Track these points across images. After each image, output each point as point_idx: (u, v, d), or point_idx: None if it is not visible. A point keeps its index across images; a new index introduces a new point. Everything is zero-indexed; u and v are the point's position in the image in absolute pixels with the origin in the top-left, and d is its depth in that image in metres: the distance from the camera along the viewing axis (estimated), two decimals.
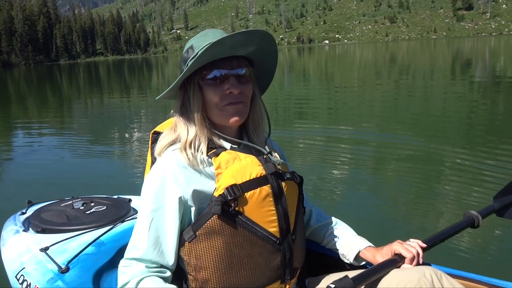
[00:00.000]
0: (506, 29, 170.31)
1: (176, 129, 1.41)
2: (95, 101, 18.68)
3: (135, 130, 10.42)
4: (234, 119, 1.36)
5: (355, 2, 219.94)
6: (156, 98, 1.45)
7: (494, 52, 42.75)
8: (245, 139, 1.47)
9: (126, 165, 6.98)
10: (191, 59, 1.32)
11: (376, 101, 13.78)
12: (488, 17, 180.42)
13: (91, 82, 33.99)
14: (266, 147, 1.43)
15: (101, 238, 1.99)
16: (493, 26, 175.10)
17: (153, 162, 1.46)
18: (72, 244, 1.97)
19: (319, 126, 9.43)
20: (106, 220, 2.21)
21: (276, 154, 1.46)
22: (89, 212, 2.32)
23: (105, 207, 2.39)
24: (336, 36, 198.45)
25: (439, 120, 9.69)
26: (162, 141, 1.41)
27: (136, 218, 1.45)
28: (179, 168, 1.33)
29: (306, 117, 10.95)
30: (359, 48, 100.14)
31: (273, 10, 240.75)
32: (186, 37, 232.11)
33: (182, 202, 1.31)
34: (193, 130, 1.37)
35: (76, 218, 2.26)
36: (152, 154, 1.49)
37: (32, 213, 2.39)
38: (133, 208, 2.40)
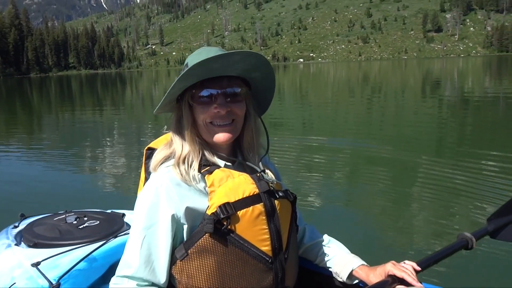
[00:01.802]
0: (473, 51, 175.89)
1: (172, 144, 1.42)
2: (83, 115, 18.37)
3: (130, 144, 10.32)
4: (221, 138, 1.36)
5: (329, 22, 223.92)
6: (154, 112, 1.45)
7: (462, 72, 44.01)
8: (240, 156, 1.47)
9: (120, 179, 6.94)
10: (178, 77, 1.32)
11: (365, 117, 13.92)
12: (456, 39, 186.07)
13: (74, 95, 33.44)
14: (260, 165, 1.44)
15: (93, 253, 1.97)
16: (461, 48, 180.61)
17: (146, 179, 1.46)
18: (64, 259, 1.94)
19: (296, 140, 9.49)
20: (98, 235, 2.18)
21: (269, 173, 1.46)
22: (82, 226, 2.30)
23: (98, 222, 2.36)
24: (311, 55, 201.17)
25: (429, 138, 9.82)
26: (157, 156, 1.42)
27: (129, 233, 1.45)
28: (173, 186, 1.32)
29: (282, 132, 11.00)
30: (333, 67, 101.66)
31: (249, 28, 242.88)
32: (161, 53, 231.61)
33: (175, 220, 1.31)
34: (186, 146, 1.38)
35: (69, 233, 2.23)
36: (146, 170, 1.49)
37: (24, 227, 2.35)
38: (126, 223, 2.38)
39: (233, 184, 1.33)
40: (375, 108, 16.54)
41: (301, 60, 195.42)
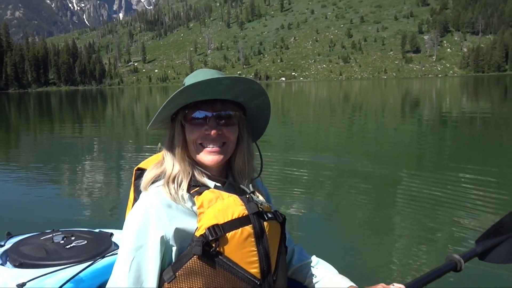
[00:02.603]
0: (450, 71, 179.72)
1: (163, 163, 1.42)
2: (66, 132, 18.12)
3: (117, 163, 10.15)
4: (210, 160, 1.37)
5: (310, 42, 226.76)
6: (148, 128, 1.46)
7: (440, 92, 44.83)
8: (230, 177, 1.47)
9: (108, 198, 6.84)
10: (171, 96, 1.32)
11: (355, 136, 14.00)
12: (434, 59, 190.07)
13: (54, 112, 33.01)
14: (250, 187, 1.44)
15: (80, 274, 1.94)
16: (439, 68, 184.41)
17: (135, 199, 1.45)
18: (50, 280, 1.91)
19: (279, 157, 9.49)
20: (86, 256, 2.14)
21: (259, 194, 1.46)
22: (69, 246, 2.25)
23: (85, 242, 2.32)
24: (293, 73, 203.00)
25: (411, 155, 9.92)
26: (148, 175, 1.41)
27: (117, 253, 1.44)
28: (162, 207, 1.32)
29: (265, 148, 10.98)
30: (315, 85, 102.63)
31: (232, 47, 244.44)
32: (144, 70, 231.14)
33: (164, 242, 1.29)
34: (177, 165, 1.38)
35: (56, 253, 2.19)
36: (135, 190, 1.49)
37: (10, 246, 2.30)
38: (114, 242, 2.34)
39: (222, 206, 1.32)
40: (356, 125, 16.71)
41: (283, 78, 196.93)
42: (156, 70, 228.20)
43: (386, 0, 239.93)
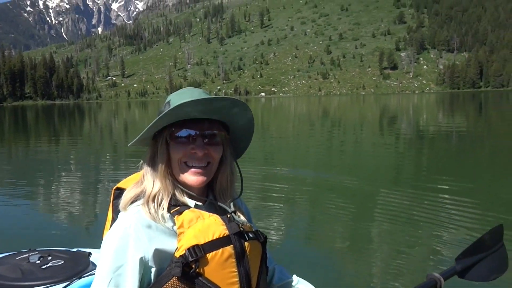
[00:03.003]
0: (427, 88, 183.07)
1: (143, 181, 1.40)
2: (42, 148, 17.74)
3: (95, 179, 9.90)
4: (194, 180, 1.36)
5: (290, 58, 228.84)
6: (128, 145, 1.43)
7: (417, 108, 45.55)
8: (211, 196, 1.46)
9: (87, 216, 6.68)
10: (161, 114, 1.32)
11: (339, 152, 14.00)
12: (411, 76, 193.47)
13: (30, 127, 32.37)
14: (232, 206, 1.43)
15: None
16: (416, 85, 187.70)
17: (114, 219, 1.43)
18: None
19: (258, 171, 9.42)
20: (62, 276, 2.08)
21: (240, 214, 1.45)
22: (45, 266, 2.17)
23: (62, 262, 2.24)
24: (272, 89, 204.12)
25: (389, 170, 9.94)
26: (127, 195, 1.39)
27: (94, 274, 1.35)
28: (142, 227, 1.29)
29: (243, 163, 10.90)
30: (294, 101, 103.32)
31: (211, 62, 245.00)
32: (122, 84, 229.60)
33: (143, 263, 1.26)
34: (158, 184, 1.37)
35: (31, 273, 2.12)
36: (113, 211, 1.47)
37: None
38: (92, 262, 2.27)
39: (203, 226, 1.30)
40: (335, 140, 16.78)
41: (263, 94, 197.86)
42: (135, 85, 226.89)
43: (364, 17, 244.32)
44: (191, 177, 1.36)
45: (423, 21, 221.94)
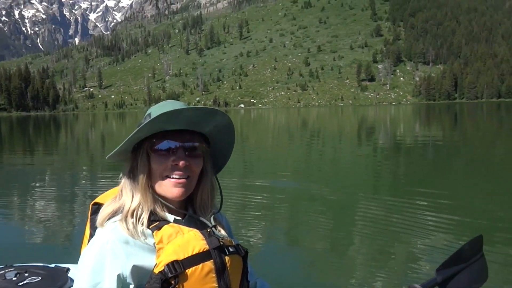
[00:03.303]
0: (404, 99, 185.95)
1: (121, 196, 1.38)
2: (15, 160, 17.31)
3: (74, 193, 9.64)
4: (175, 192, 1.34)
5: (269, 70, 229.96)
6: (106, 158, 1.42)
7: (394, 119, 46.16)
8: (190, 211, 1.44)
9: (66, 231, 6.49)
10: (140, 125, 1.30)
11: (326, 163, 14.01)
12: (388, 88, 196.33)
13: (4, 139, 31.67)
14: (212, 220, 1.41)
15: None
16: (393, 96, 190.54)
17: (91, 235, 1.41)
18: None
19: (237, 183, 9.36)
20: None
21: (220, 228, 1.43)
22: (22, 283, 2.11)
23: (40, 278, 2.18)
24: (251, 100, 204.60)
25: (368, 180, 9.98)
26: (105, 210, 1.37)
27: None
28: (119, 243, 1.26)
29: (222, 175, 10.83)
30: (273, 112, 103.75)
31: (190, 73, 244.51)
32: (99, 96, 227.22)
33: (121, 280, 1.24)
34: (137, 198, 1.34)
35: None
36: (91, 226, 1.44)
37: None
38: (70, 278, 2.22)
39: (182, 241, 1.28)
40: (314, 151, 16.85)
41: (242, 105, 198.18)
42: (112, 96, 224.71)
43: (342, 30, 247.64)
44: (172, 189, 1.34)
45: (399, 34, 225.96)
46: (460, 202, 7.44)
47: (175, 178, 1.33)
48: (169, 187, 1.34)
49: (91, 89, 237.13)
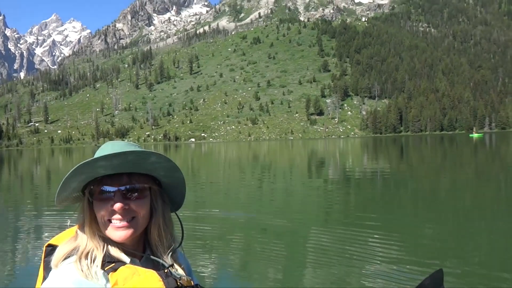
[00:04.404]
0: (352, 133, 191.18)
1: (77, 237, 1.35)
2: None
3: (27, 236, 9.05)
4: (118, 236, 1.31)
5: (219, 104, 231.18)
6: (56, 204, 1.39)
7: (343, 152, 47.25)
8: (148, 250, 1.41)
9: (19, 274, 6.13)
10: (67, 174, 1.27)
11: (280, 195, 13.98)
12: (336, 121, 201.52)
13: None
14: (170, 259, 1.39)
15: None
16: (341, 130, 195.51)
17: (44, 278, 1.36)
18: None
19: (189, 214, 9.22)
20: None
21: (179, 268, 1.40)
22: None
23: None
24: (202, 134, 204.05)
25: (318, 211, 10.07)
26: (59, 251, 1.32)
27: None
28: (73, 285, 1.22)
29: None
30: (224, 146, 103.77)
31: (140, 108, 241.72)
32: (45, 131, 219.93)
33: None
34: (90, 240, 1.32)
35: None
36: (45, 268, 1.39)
37: None
38: None
39: (139, 282, 1.25)
40: (266, 183, 16.92)
41: (193, 139, 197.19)
42: (59, 131, 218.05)
43: (291, 65, 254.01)
44: (115, 233, 1.31)
45: (346, 70, 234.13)
46: (409, 231, 7.67)
47: (116, 222, 1.31)
48: (112, 231, 1.32)
49: (37, 124, 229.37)
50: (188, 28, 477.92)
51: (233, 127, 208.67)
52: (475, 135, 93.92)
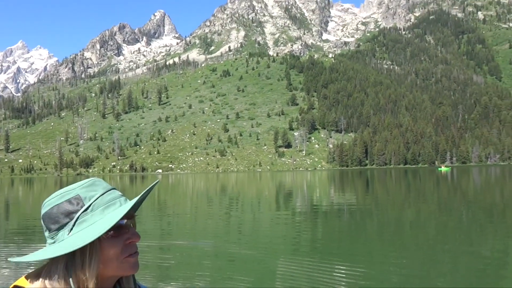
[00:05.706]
0: (319, 165, 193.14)
1: (51, 283, 1.20)
2: None
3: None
4: (137, 267, 1.27)
5: (188, 135, 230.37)
6: (23, 261, 1.24)
7: (310, 184, 47.62)
8: (117, 286, 1.34)
9: None
10: (81, 214, 1.21)
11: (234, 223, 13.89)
12: (304, 154, 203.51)
13: None
14: None
15: None
16: (309, 162, 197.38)
17: None
18: None
19: (155, 245, 9.08)
20: None
21: None
22: None
23: None
24: (170, 165, 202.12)
25: (286, 241, 10.06)
26: None
27: None
28: None
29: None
30: (192, 177, 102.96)
31: (106, 137, 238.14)
32: (6, 160, 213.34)
33: None
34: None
35: None
36: None
37: None
38: None
39: None
40: (234, 215, 16.85)
41: (160, 170, 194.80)
42: (20, 160, 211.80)
43: (259, 98, 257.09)
44: (132, 268, 1.26)
45: (313, 104, 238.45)
46: (375, 259, 7.76)
47: (134, 255, 1.26)
48: (129, 266, 1.26)
49: None
50: (158, 59, 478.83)
51: (201, 158, 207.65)
52: (443, 169, 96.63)
